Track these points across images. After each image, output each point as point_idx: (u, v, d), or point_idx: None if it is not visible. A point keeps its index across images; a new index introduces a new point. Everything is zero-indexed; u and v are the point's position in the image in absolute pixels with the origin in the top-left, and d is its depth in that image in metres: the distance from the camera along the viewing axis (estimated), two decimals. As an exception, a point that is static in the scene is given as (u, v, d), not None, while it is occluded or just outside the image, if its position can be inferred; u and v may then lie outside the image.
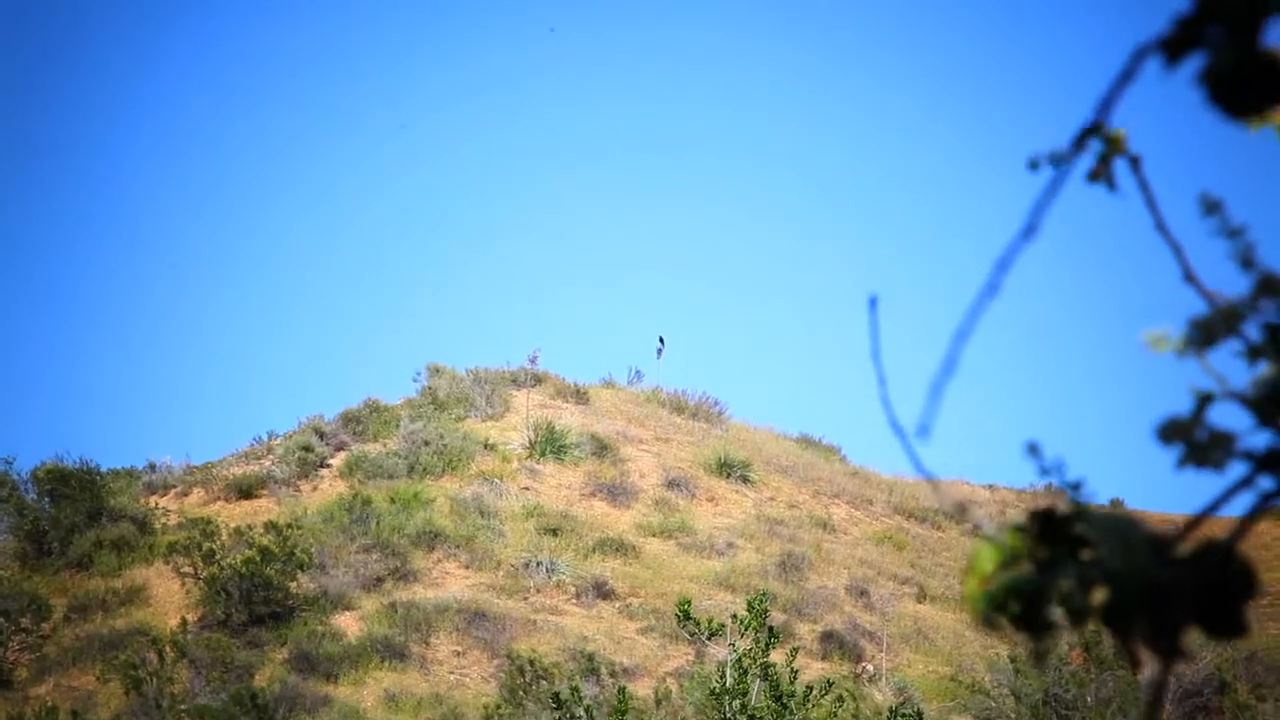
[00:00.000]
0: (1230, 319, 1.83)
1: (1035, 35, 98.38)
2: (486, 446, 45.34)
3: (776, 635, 18.95)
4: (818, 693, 18.79)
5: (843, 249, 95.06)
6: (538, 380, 50.11)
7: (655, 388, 53.04)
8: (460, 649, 36.24)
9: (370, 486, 42.20)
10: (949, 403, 1.97)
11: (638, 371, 54.12)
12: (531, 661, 33.03)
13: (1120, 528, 1.75)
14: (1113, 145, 1.97)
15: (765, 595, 19.52)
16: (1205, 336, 1.82)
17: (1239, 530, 1.78)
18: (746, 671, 18.61)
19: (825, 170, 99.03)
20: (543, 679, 32.31)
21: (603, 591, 38.93)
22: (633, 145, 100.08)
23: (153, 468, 44.61)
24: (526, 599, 38.45)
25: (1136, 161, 1.98)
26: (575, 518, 42.28)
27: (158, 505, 42.27)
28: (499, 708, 31.50)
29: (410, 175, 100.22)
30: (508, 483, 43.52)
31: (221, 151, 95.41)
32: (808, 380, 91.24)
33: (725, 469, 46.81)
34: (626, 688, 19.58)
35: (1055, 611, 1.79)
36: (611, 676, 33.77)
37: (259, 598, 36.39)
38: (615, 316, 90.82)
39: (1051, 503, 1.78)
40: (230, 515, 40.73)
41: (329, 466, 44.18)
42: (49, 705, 31.96)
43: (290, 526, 37.85)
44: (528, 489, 43.61)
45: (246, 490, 42.86)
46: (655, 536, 42.42)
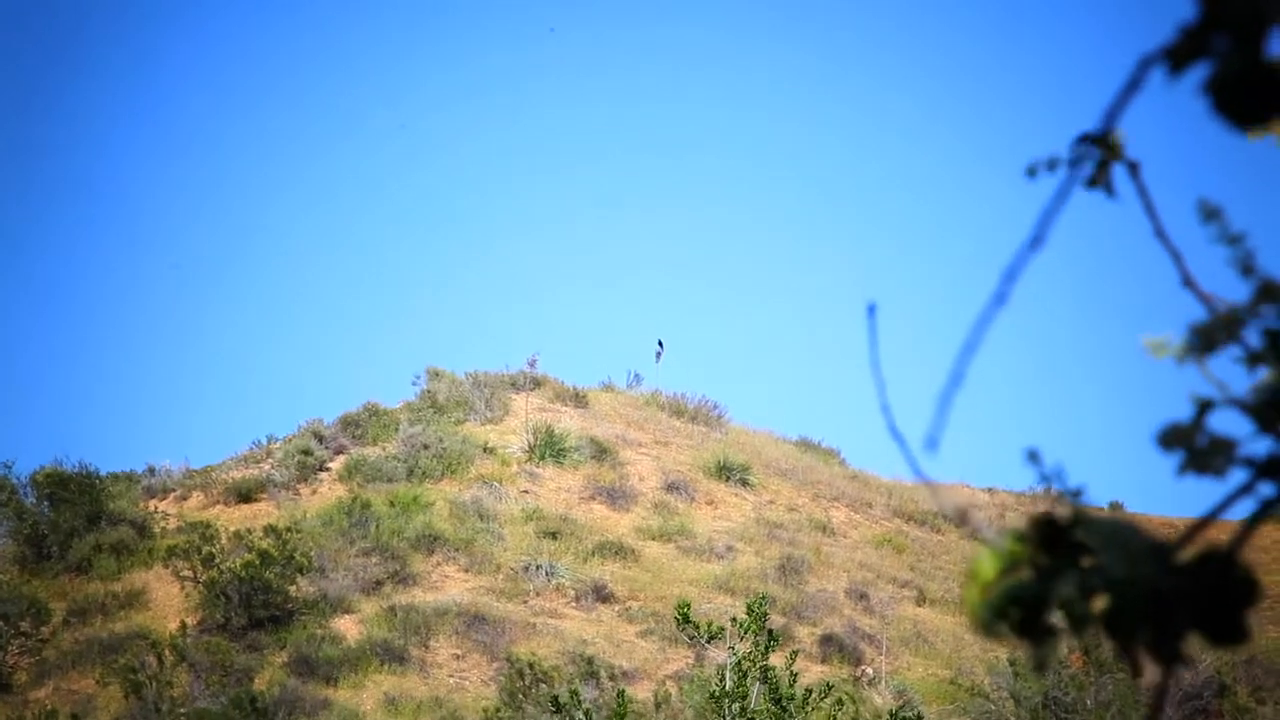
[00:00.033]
0: (1230, 325, 1.83)
1: (1037, 36, 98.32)
2: (486, 450, 45.33)
3: (776, 638, 18.95)
4: (817, 696, 18.79)
5: (842, 251, 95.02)
6: (537, 384, 50.11)
7: (654, 391, 53.02)
8: (460, 652, 36.23)
9: (369, 490, 42.19)
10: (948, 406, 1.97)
11: (637, 375, 54.13)
12: (531, 665, 33.02)
13: (1121, 534, 1.75)
14: (1111, 151, 1.97)
15: (765, 598, 19.52)
16: (1205, 343, 1.82)
17: (1240, 537, 1.78)
18: (746, 675, 18.61)
19: (825, 171, 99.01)
20: (542, 682, 32.30)
21: (602, 595, 38.92)
22: (633, 145, 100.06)
23: (152, 471, 44.60)
24: (526, 602, 38.44)
25: (1135, 167, 1.98)
26: (574, 521, 42.27)
27: (157, 509, 42.25)
28: (498, 711, 31.49)
29: (410, 176, 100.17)
30: (507, 486, 43.51)
31: (221, 152, 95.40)
32: (807, 383, 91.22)
33: (724, 472, 46.79)
34: (626, 691, 19.58)
35: (1057, 618, 1.79)
36: (611, 680, 33.76)
37: (258, 601, 36.38)
38: (614, 319, 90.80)
39: (1052, 509, 1.78)
40: (229, 519, 40.72)
41: (328, 470, 44.17)
42: (48, 709, 31.96)
43: (289, 530, 37.83)
44: (527, 492, 43.60)
45: (246, 494, 42.86)
46: (655, 540, 42.40)
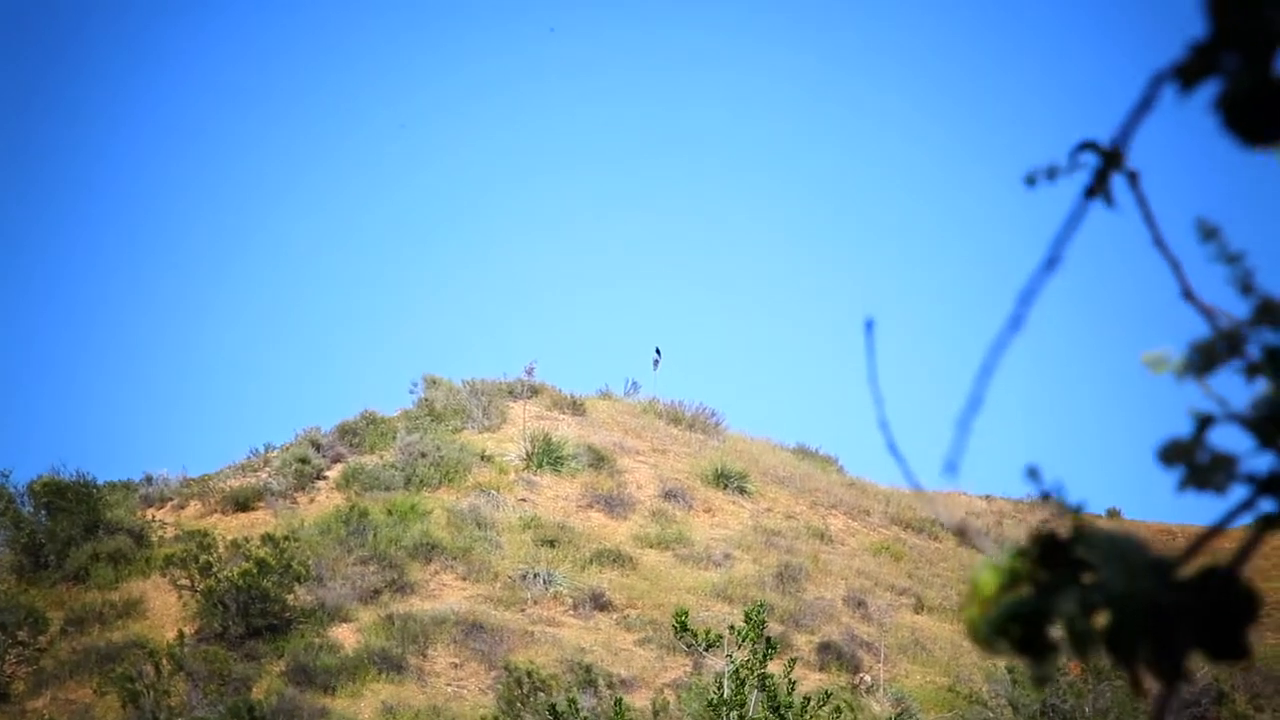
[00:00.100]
0: (1230, 343, 1.82)
1: (1039, 43, 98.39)
2: (483, 458, 45.31)
3: (774, 646, 18.94)
4: (815, 704, 18.79)
5: (840, 258, 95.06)
6: (534, 391, 50.09)
7: (652, 399, 53.01)
8: (457, 661, 36.20)
9: (367, 498, 42.18)
10: (944, 413, 1.97)
11: (634, 382, 54.13)
12: (529, 673, 33.00)
13: (1122, 550, 1.74)
14: (1110, 160, 1.96)
15: (762, 606, 19.51)
16: (1205, 361, 1.81)
17: (1241, 553, 1.77)
18: (744, 683, 18.60)
19: (824, 178, 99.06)
20: (540, 690, 32.28)
21: (600, 603, 38.90)
22: (633, 147, 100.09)
23: (149, 480, 44.58)
24: (524, 610, 38.42)
25: (1135, 176, 1.97)
26: (572, 529, 42.25)
27: (154, 518, 42.23)
28: (496, 719, 31.48)
29: (409, 178, 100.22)
30: (505, 494, 43.49)
31: (220, 154, 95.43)
32: (805, 390, 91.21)
33: (722, 480, 46.77)
34: (623, 699, 19.58)
35: (1057, 633, 1.78)
36: (609, 688, 33.75)
37: (256, 610, 36.35)
38: (611, 326, 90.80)
39: (1053, 525, 1.77)
40: (227, 528, 40.69)
41: (326, 478, 44.15)
42: (46, 718, 31.94)
43: (287, 539, 37.81)
44: (525, 500, 43.58)
45: (243, 502, 42.83)
46: (652, 548, 42.38)
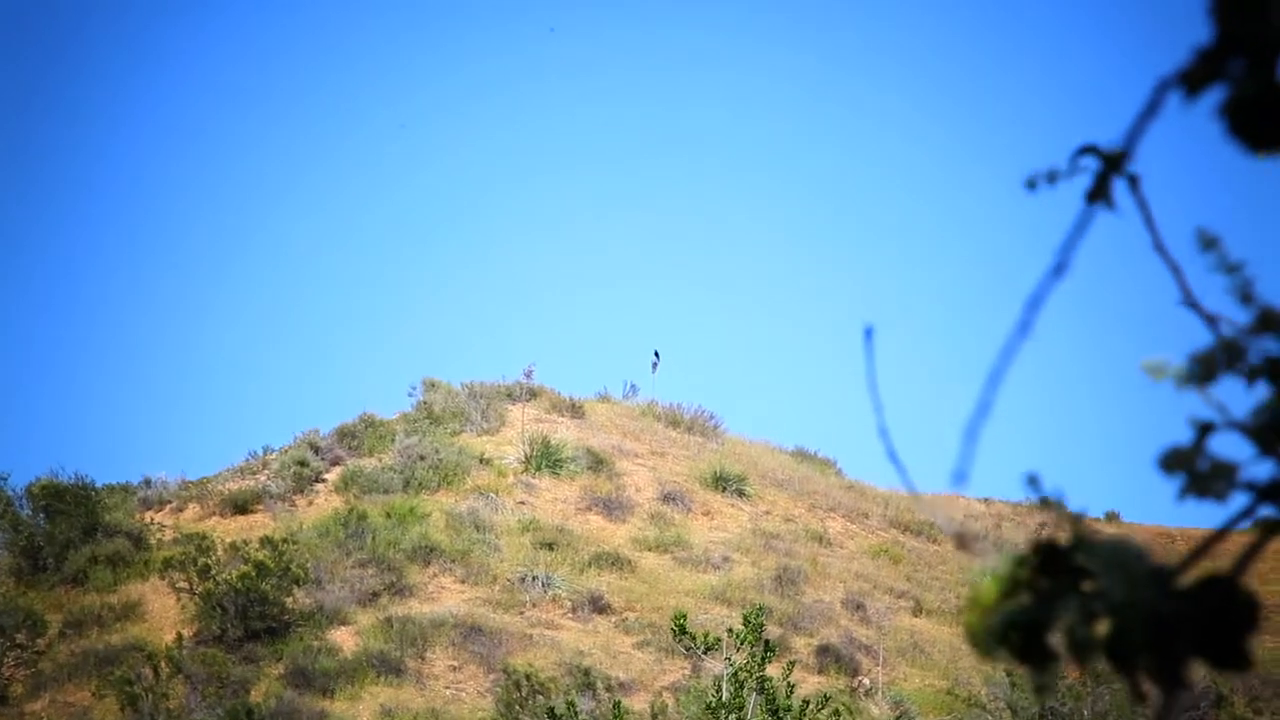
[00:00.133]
0: (1230, 353, 1.82)
1: (1042, 45, 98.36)
2: (482, 461, 45.30)
3: (772, 649, 18.93)
4: (814, 707, 18.77)
5: (839, 260, 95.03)
6: (533, 394, 50.08)
7: (651, 401, 53.00)
8: (456, 664, 36.19)
9: (366, 501, 42.16)
10: (943, 415, 1.96)
11: (633, 385, 54.12)
12: (527, 676, 32.99)
13: (1122, 558, 1.73)
14: (1111, 165, 1.96)
15: (761, 609, 19.50)
16: (1205, 371, 1.81)
17: (1242, 562, 1.76)
18: (743, 686, 18.59)
19: (824, 180, 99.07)
20: (539, 693, 32.27)
21: (599, 606, 38.89)
22: (632, 148, 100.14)
23: (148, 483, 44.57)
24: (522, 613, 38.40)
25: (1135, 181, 1.96)
26: (571, 532, 42.24)
27: (153, 521, 42.22)
28: (495, 723, 31.47)
29: (409, 178, 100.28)
30: (503, 497, 43.48)
31: (220, 154, 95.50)
32: (803, 393, 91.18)
33: (721, 483, 46.76)
34: (622, 702, 19.56)
35: (1057, 641, 1.77)
36: (607, 691, 33.73)
37: (254, 613, 36.33)
38: (611, 328, 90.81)
39: (1053, 533, 1.76)
40: (226, 530, 40.68)
41: (324, 481, 44.13)
42: (44, 721, 31.92)
43: (286, 541, 37.79)
44: (523, 503, 43.57)
45: (242, 505, 42.82)
46: (651, 550, 42.37)
